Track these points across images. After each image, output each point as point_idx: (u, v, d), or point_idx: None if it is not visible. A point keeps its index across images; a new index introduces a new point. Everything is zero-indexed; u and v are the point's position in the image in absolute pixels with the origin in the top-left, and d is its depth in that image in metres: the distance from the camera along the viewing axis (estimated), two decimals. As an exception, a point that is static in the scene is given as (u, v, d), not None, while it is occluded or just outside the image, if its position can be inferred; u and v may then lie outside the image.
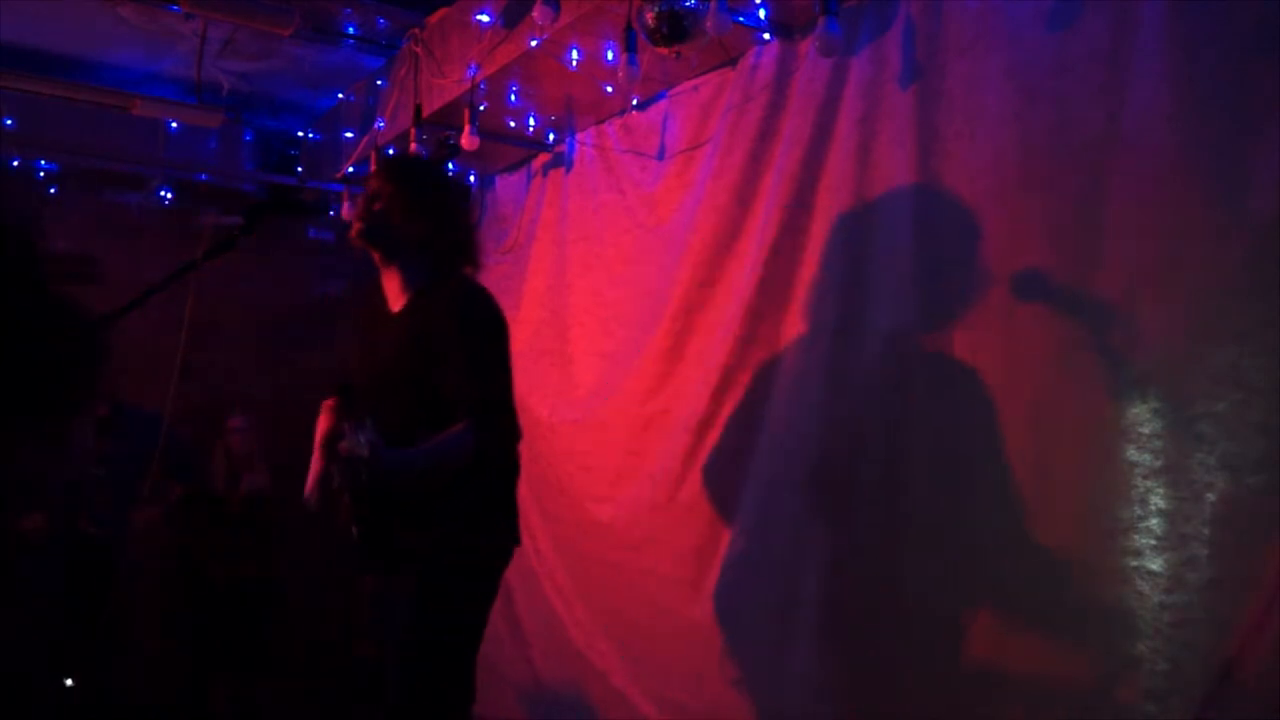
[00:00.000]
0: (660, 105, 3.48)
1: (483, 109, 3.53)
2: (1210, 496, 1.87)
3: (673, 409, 3.23)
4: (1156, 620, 1.93)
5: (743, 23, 2.83)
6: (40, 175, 4.54)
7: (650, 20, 2.53)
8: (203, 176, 4.79)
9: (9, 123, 4.18)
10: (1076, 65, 2.18)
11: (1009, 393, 2.27)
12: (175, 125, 4.48)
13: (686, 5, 2.49)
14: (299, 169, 4.93)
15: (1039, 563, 2.16)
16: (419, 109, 3.61)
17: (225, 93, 4.26)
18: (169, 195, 4.73)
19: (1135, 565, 1.97)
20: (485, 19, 3.25)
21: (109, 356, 3.64)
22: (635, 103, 3.54)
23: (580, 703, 3.55)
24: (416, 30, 3.68)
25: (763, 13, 2.84)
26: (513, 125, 3.84)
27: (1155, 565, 1.94)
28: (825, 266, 2.74)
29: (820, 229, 2.77)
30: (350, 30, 3.83)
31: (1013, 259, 2.28)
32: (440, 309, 2.25)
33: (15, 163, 4.43)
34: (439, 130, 3.70)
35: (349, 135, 4.38)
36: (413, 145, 3.50)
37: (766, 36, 2.96)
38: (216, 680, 4.29)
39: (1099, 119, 2.12)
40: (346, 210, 4.58)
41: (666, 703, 3.16)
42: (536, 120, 3.83)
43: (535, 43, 3.07)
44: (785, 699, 2.75)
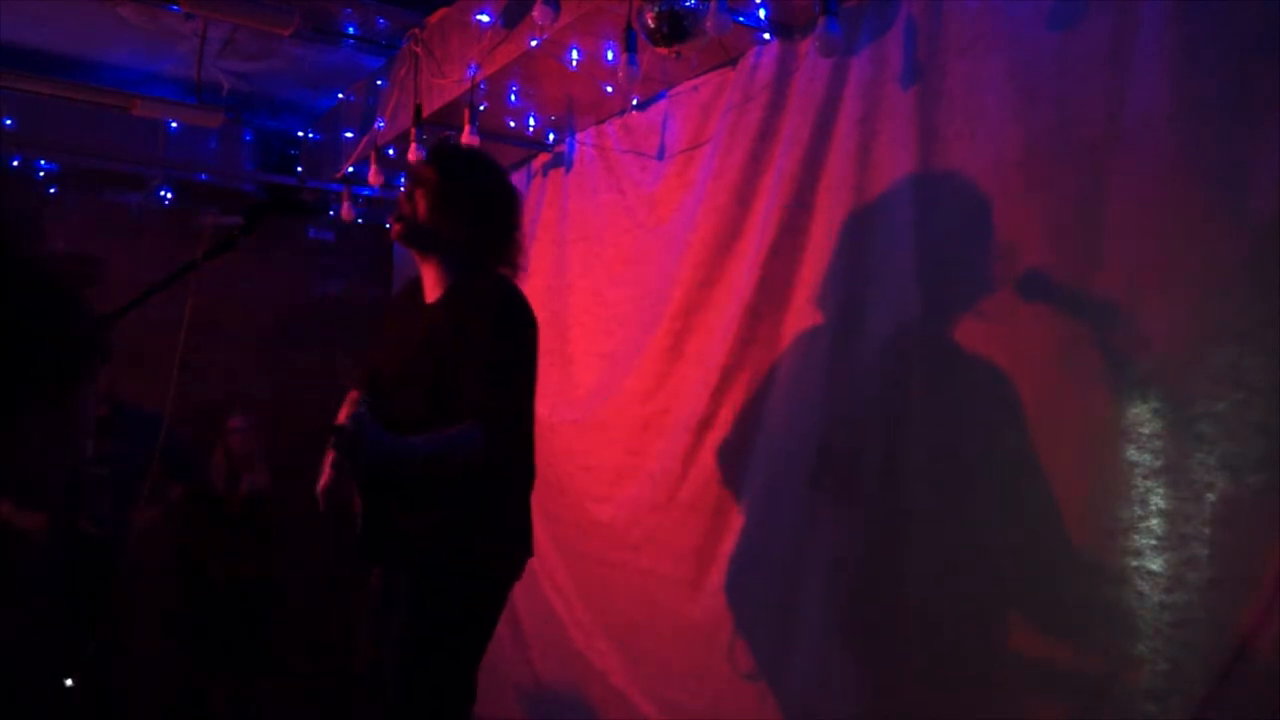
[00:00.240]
0: (660, 105, 3.48)
1: (483, 109, 3.53)
2: (1210, 496, 1.87)
3: (673, 409, 3.23)
4: (1156, 620, 1.93)
5: (743, 23, 2.83)
6: (40, 175, 4.54)
7: (650, 20, 2.53)
8: (203, 176, 4.80)
9: (9, 123, 4.19)
10: (1077, 65, 2.18)
11: (1009, 392, 2.26)
12: (175, 125, 4.49)
13: (686, 5, 2.49)
14: (299, 169, 4.93)
15: (1039, 562, 2.16)
16: (419, 109, 3.61)
17: (225, 93, 4.26)
18: (169, 195, 4.74)
19: (1135, 565, 1.97)
20: (485, 19, 3.25)
21: (109, 356, 3.65)
22: (635, 103, 3.54)
23: (580, 703, 3.55)
24: (416, 30, 3.68)
25: (763, 13, 2.84)
26: (513, 125, 3.84)
27: (1155, 565, 1.94)
28: (825, 266, 2.74)
29: (820, 229, 2.77)
30: (350, 30, 3.83)
31: (1013, 259, 2.28)
32: (469, 307, 2.22)
33: (15, 163, 4.43)
34: (439, 130, 3.70)
35: (349, 135, 4.39)
36: (413, 145, 3.50)
37: (766, 36, 2.96)
38: (216, 680, 4.29)
39: (1099, 119, 2.12)
40: (346, 210, 4.58)
41: (666, 702, 3.16)
42: (536, 120, 3.83)
43: (535, 43, 3.07)
44: (785, 699, 2.75)
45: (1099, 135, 2.12)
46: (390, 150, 4.05)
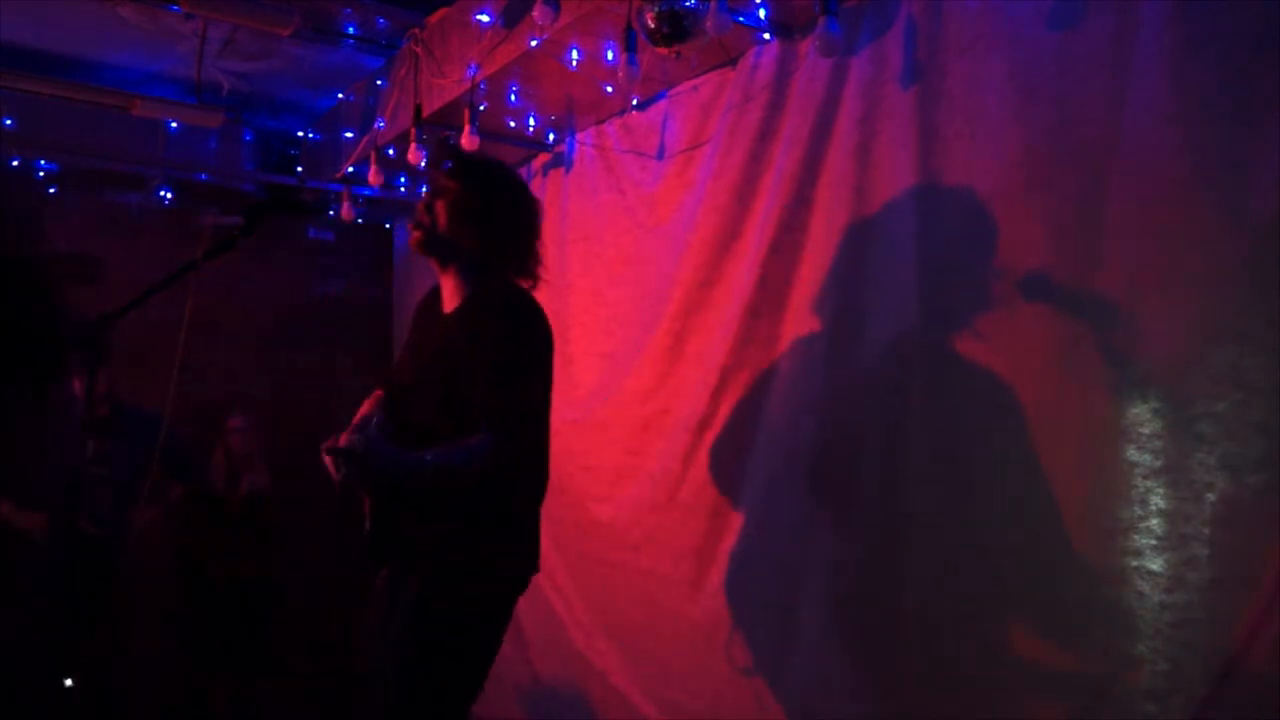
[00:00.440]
0: (660, 105, 3.48)
1: (483, 109, 3.53)
2: (1210, 496, 1.87)
3: (672, 409, 3.23)
4: (1156, 620, 1.93)
5: (743, 23, 2.83)
6: (40, 175, 4.54)
7: (650, 20, 2.53)
8: (203, 176, 4.80)
9: (9, 123, 4.19)
10: (1077, 65, 2.18)
11: (1009, 392, 2.27)
12: (175, 125, 4.49)
13: (686, 5, 2.49)
14: (299, 169, 4.93)
15: (1039, 562, 2.16)
16: (419, 109, 3.60)
17: (225, 93, 4.26)
18: (169, 195, 4.74)
19: (1135, 565, 1.97)
20: (485, 19, 3.25)
21: (109, 357, 3.65)
22: (635, 103, 3.54)
23: (580, 703, 3.55)
24: (416, 30, 3.68)
25: (763, 13, 2.84)
26: (513, 125, 3.84)
27: (1155, 565, 1.94)
28: (825, 266, 2.74)
29: (820, 229, 2.77)
30: (350, 30, 3.83)
31: (1013, 259, 2.28)
32: (484, 316, 2.22)
33: (15, 163, 4.43)
34: (439, 130, 3.70)
35: (349, 135, 4.39)
36: (413, 145, 3.50)
37: (766, 36, 2.96)
38: (216, 680, 4.29)
39: (1100, 119, 2.12)
40: (346, 210, 4.58)
41: (666, 702, 3.16)
42: (536, 120, 3.83)
43: (535, 43, 3.07)
44: (785, 698, 2.75)
45: (1099, 135, 2.12)
46: (390, 150, 4.05)
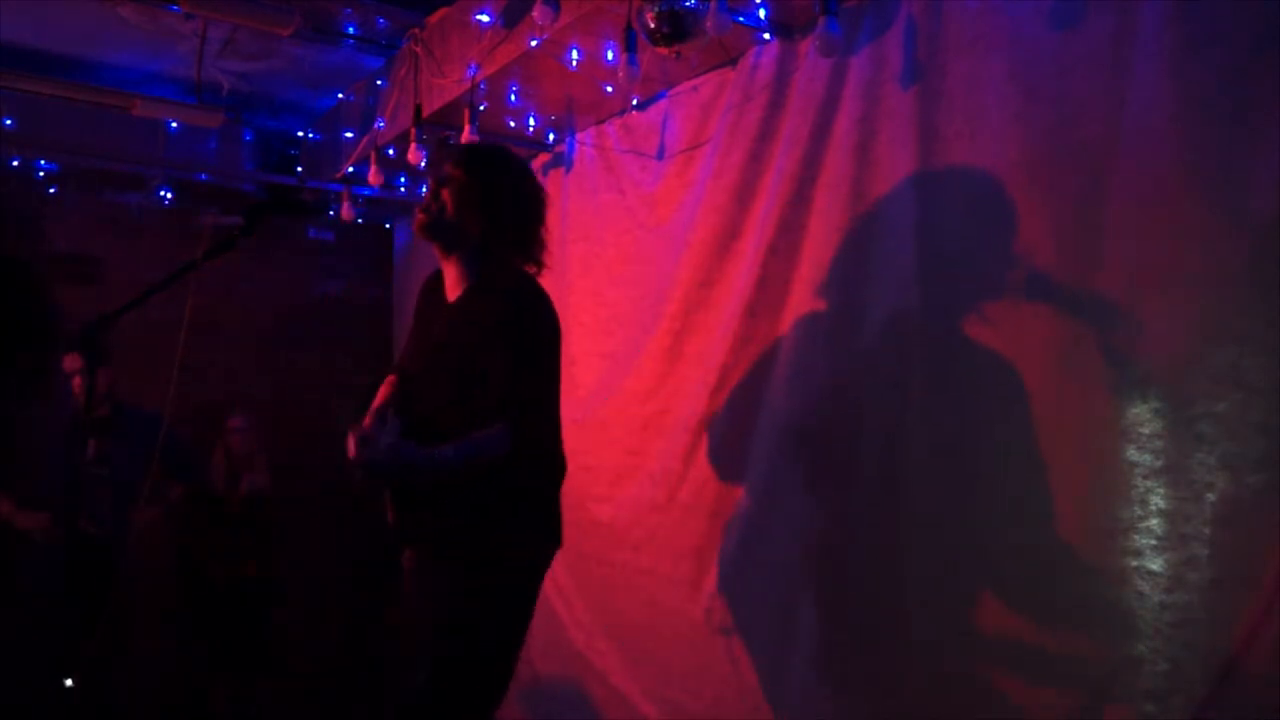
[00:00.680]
0: (660, 105, 3.48)
1: (483, 109, 3.53)
2: (1210, 496, 1.87)
3: (672, 409, 3.23)
4: (1156, 620, 1.93)
5: (743, 23, 2.83)
6: (40, 175, 4.54)
7: (650, 20, 2.53)
8: (203, 176, 4.80)
9: (9, 123, 4.19)
10: (1077, 65, 2.18)
11: (1009, 393, 2.27)
12: (175, 125, 4.49)
13: (686, 5, 2.49)
14: (299, 169, 4.93)
15: (1039, 562, 2.16)
16: (419, 109, 3.60)
17: (225, 93, 4.26)
18: (169, 195, 4.74)
19: (1135, 565, 1.97)
20: (485, 19, 3.25)
21: (109, 357, 3.66)
22: (635, 103, 3.54)
23: (580, 703, 3.55)
24: (416, 30, 3.68)
25: (763, 13, 2.84)
26: (513, 125, 3.84)
27: (1155, 565, 1.94)
28: (824, 266, 2.74)
29: (819, 228, 2.77)
30: (350, 30, 3.83)
31: (1013, 259, 2.28)
32: (490, 304, 2.23)
33: (15, 163, 4.43)
34: (439, 130, 3.70)
35: (349, 135, 4.38)
36: (413, 145, 3.50)
37: (766, 36, 2.96)
38: (216, 680, 4.29)
39: (1100, 119, 2.12)
40: (346, 210, 4.58)
41: (666, 702, 3.16)
42: (536, 120, 3.83)
43: (535, 43, 3.07)
44: (785, 698, 2.75)
45: (1099, 135, 2.12)
46: (390, 150, 4.05)
